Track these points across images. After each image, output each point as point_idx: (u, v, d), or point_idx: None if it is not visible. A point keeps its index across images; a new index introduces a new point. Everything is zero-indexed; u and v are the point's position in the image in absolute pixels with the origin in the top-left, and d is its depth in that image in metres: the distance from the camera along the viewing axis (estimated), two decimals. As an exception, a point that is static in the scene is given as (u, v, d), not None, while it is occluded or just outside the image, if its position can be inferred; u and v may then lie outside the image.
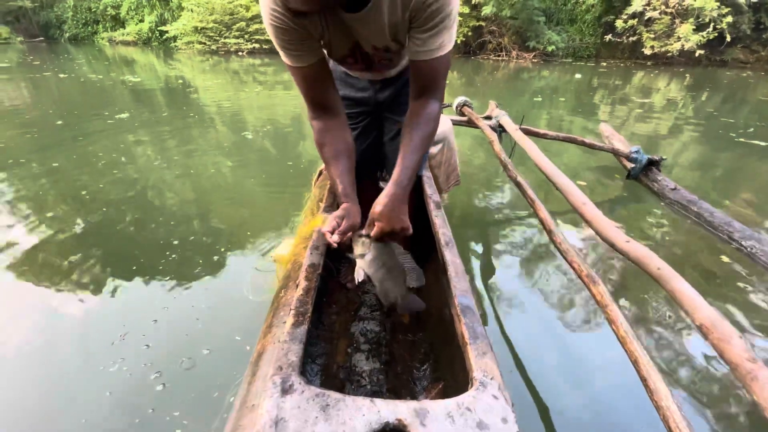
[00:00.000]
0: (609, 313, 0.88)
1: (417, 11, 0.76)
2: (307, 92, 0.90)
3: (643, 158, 2.65)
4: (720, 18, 11.20)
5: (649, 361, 0.76)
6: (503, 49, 13.39)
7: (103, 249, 1.85)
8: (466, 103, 2.98)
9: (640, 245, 1.06)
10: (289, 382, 0.54)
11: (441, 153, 1.54)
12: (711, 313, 0.79)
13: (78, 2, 17.33)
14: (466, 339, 0.67)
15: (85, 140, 3.45)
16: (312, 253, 0.89)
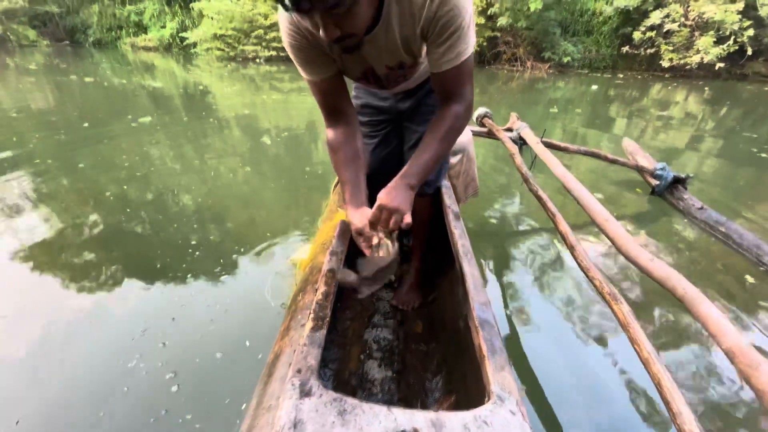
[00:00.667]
0: (631, 332, 0.86)
1: (428, 25, 0.77)
2: (322, 103, 0.95)
3: (669, 175, 2.56)
4: (741, 31, 11.01)
5: (673, 384, 0.74)
6: (518, 60, 13.37)
7: (125, 248, 1.91)
8: (487, 115, 2.97)
9: (664, 265, 1.03)
10: (308, 385, 0.55)
11: (460, 163, 1.54)
12: (738, 338, 0.77)
13: (103, 8, 17.94)
14: (484, 352, 0.67)
15: (110, 143, 3.55)
16: (331, 258, 0.90)
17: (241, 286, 1.64)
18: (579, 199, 1.58)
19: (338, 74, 0.92)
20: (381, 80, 0.98)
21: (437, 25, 0.76)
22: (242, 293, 1.60)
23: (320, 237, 1.10)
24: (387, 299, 1.30)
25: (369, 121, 1.22)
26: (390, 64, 0.90)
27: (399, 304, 1.29)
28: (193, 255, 1.83)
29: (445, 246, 1.13)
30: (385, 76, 0.96)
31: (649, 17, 12.06)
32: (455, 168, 1.54)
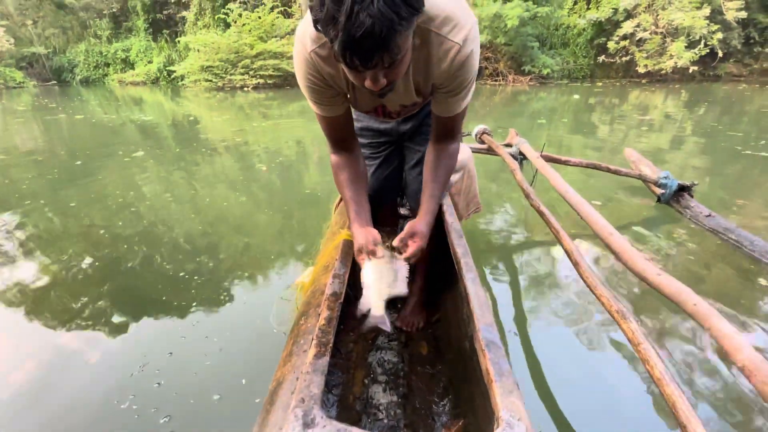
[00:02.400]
0: (642, 352, 0.84)
1: (443, 80, 0.83)
2: (330, 135, 1.01)
3: (674, 184, 2.53)
4: (710, 35, 11.48)
5: (689, 406, 0.71)
6: (500, 74, 13.73)
7: (122, 284, 1.88)
8: (486, 131, 3.02)
9: (673, 279, 1.00)
10: (311, 416, 0.53)
11: (461, 181, 1.55)
12: (753, 354, 0.74)
13: (90, 47, 18.20)
14: (491, 376, 0.65)
15: (102, 179, 3.53)
16: (333, 281, 0.89)
17: (240, 315, 1.61)
18: (581, 214, 1.57)
19: (348, 111, 0.98)
20: (391, 114, 1.05)
21: (452, 82, 0.83)
22: (241, 322, 1.57)
23: (322, 259, 1.09)
24: (391, 320, 1.29)
25: (370, 143, 1.25)
26: (405, 103, 0.97)
27: (403, 326, 1.27)
28: (191, 286, 1.80)
29: (448, 265, 1.12)
30: (397, 112, 1.04)
31: (621, 27, 12.55)
32: (456, 185, 1.55)
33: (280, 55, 12.79)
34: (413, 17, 0.61)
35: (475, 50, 0.80)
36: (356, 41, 0.57)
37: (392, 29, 0.57)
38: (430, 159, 1.02)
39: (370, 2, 0.54)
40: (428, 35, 0.76)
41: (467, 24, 0.76)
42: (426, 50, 0.78)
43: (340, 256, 0.99)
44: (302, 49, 0.81)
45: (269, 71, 12.75)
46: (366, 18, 0.55)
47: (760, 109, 7.26)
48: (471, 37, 0.77)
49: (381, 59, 0.62)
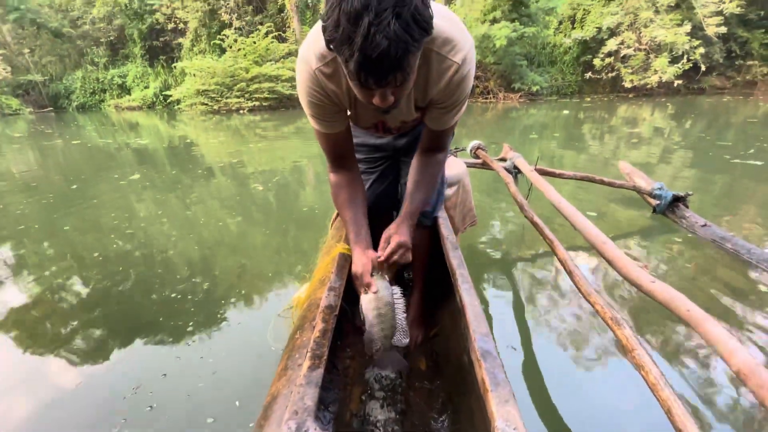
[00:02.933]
0: (636, 358, 0.84)
1: (441, 96, 0.86)
2: (330, 152, 1.02)
3: (668, 195, 2.56)
4: (692, 50, 11.86)
5: (684, 411, 0.71)
6: (490, 92, 14.03)
7: (119, 308, 1.85)
8: (480, 147, 3.07)
9: (666, 286, 1.01)
10: (304, 429, 0.52)
11: (456, 194, 1.57)
12: (748, 358, 0.74)
13: (87, 74, 18.45)
14: (486, 386, 0.64)
15: (98, 202, 3.52)
16: (328, 294, 0.89)
17: (235, 337, 1.59)
18: (575, 224, 1.58)
19: (348, 129, 0.99)
20: (390, 130, 1.07)
21: (449, 98, 0.86)
22: (236, 344, 1.54)
23: (318, 273, 1.08)
24: None
25: (366, 158, 1.27)
26: (406, 119, 0.99)
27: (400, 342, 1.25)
28: (185, 308, 1.77)
29: (445, 279, 1.12)
30: (397, 128, 1.06)
31: (605, 45, 12.94)
32: (452, 199, 1.56)
33: (275, 78, 13.02)
34: (424, 39, 0.63)
35: (472, 70, 0.84)
36: (372, 62, 0.59)
37: (407, 51, 0.60)
38: (416, 165, 1.03)
39: (386, 24, 0.56)
40: (429, 54, 0.79)
41: (466, 45, 0.80)
42: (426, 68, 0.81)
43: (335, 270, 0.98)
44: (306, 66, 0.83)
45: (265, 94, 12.95)
46: (382, 40, 0.57)
47: (745, 120, 7.44)
48: (469, 58, 0.81)
49: (394, 78, 0.64)
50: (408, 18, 0.58)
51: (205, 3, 15.15)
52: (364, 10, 0.56)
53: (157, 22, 16.96)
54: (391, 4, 0.56)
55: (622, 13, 12.62)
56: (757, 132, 6.04)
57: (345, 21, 0.58)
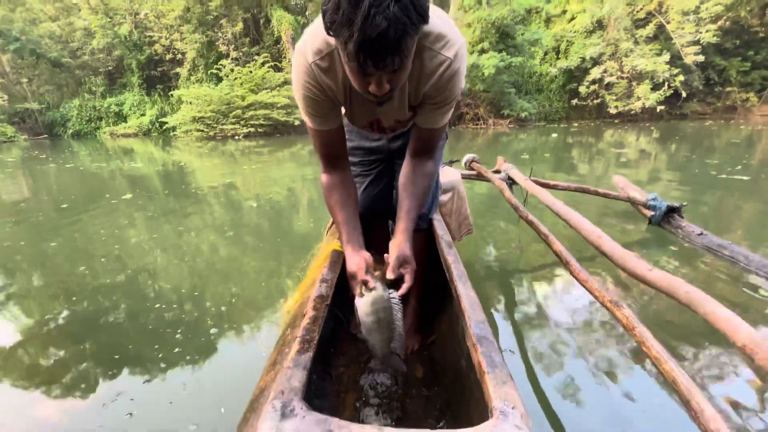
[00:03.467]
0: (637, 335, 0.84)
1: (433, 92, 0.87)
2: (323, 151, 1.01)
3: (662, 205, 2.58)
4: (672, 77, 12.40)
5: (690, 381, 0.69)
6: (480, 118, 14.43)
7: (104, 335, 1.76)
8: (475, 159, 3.14)
9: (664, 272, 1.03)
10: (290, 407, 0.49)
11: (452, 201, 1.57)
12: (751, 332, 0.75)
13: (83, 102, 18.68)
14: (483, 368, 0.62)
15: (87, 225, 3.47)
16: (320, 285, 0.87)
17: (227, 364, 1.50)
18: (571, 222, 1.61)
19: (341, 127, 0.99)
20: (384, 129, 1.08)
21: (440, 93, 0.88)
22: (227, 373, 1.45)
23: (311, 273, 1.06)
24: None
25: (361, 161, 1.27)
26: (399, 118, 1.00)
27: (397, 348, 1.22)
28: (174, 337, 1.67)
29: (442, 286, 1.10)
30: (391, 128, 1.07)
31: (589, 73, 13.50)
32: (447, 206, 1.57)
33: (271, 106, 13.29)
34: (420, 24, 0.66)
35: (462, 67, 0.85)
36: (372, 41, 0.61)
37: (405, 32, 0.62)
38: (406, 173, 1.03)
39: (386, 6, 0.59)
40: (422, 50, 0.81)
41: (457, 42, 0.82)
42: (419, 63, 0.83)
43: (328, 264, 0.97)
44: (303, 60, 0.84)
45: (260, 120, 13.18)
46: (382, 21, 0.59)
47: (728, 142, 7.69)
48: (460, 54, 0.83)
49: (392, 61, 0.66)
50: (407, 2, 0.61)
51: (203, 35, 15.63)
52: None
53: (155, 53, 17.40)
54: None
55: (603, 44, 13.25)
56: (741, 152, 6.25)
57: (346, 3, 0.60)
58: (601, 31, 13.61)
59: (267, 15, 15.49)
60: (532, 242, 2.54)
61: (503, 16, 12.52)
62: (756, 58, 13.92)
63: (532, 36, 13.46)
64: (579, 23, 13.99)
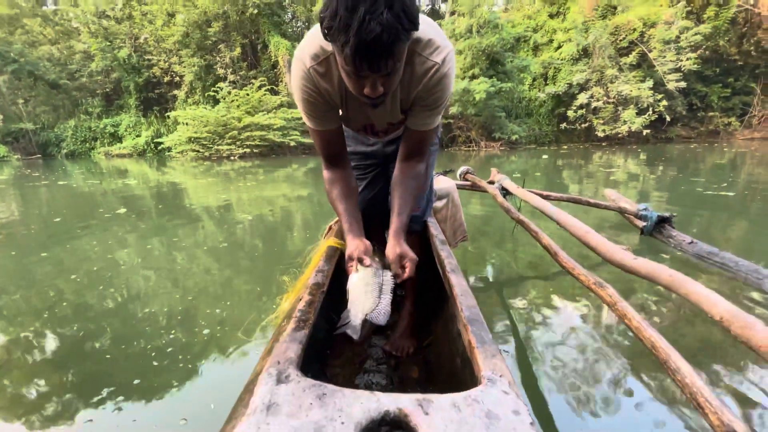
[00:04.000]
0: (619, 309, 0.88)
1: (423, 94, 0.92)
2: (323, 150, 1.06)
3: (653, 215, 2.65)
4: (656, 102, 12.87)
5: (667, 344, 0.74)
6: (472, 141, 14.74)
7: (90, 363, 1.71)
8: (469, 171, 3.22)
9: (647, 260, 1.10)
10: (286, 374, 0.51)
11: (446, 208, 1.61)
12: (728, 306, 0.80)
13: (79, 123, 18.77)
14: (473, 345, 0.64)
15: (76, 246, 3.43)
16: (316, 275, 0.88)
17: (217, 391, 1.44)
18: (560, 221, 1.66)
19: (340, 127, 1.04)
20: (378, 132, 1.13)
21: (430, 96, 0.93)
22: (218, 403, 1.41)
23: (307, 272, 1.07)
24: (380, 345, 1.23)
25: (357, 165, 1.32)
26: (392, 121, 1.05)
27: (393, 350, 1.22)
28: (163, 364, 1.61)
29: (438, 289, 1.12)
30: (384, 130, 1.11)
31: (577, 99, 13.97)
32: (442, 212, 1.60)
33: (267, 127, 13.48)
34: (411, 30, 0.71)
35: (451, 71, 0.91)
36: (367, 45, 0.66)
37: (397, 38, 0.68)
38: (397, 176, 1.07)
39: (380, 13, 0.64)
40: (413, 55, 0.87)
41: (446, 49, 0.88)
42: (410, 67, 0.88)
43: (324, 257, 0.98)
44: (301, 65, 0.90)
45: (256, 141, 13.32)
46: (376, 26, 0.65)
47: (714, 163, 7.93)
48: (448, 59, 0.89)
49: (386, 64, 0.71)
50: (398, 10, 0.66)
51: (201, 59, 15.99)
52: (360, 1, 0.64)
53: (153, 76, 17.71)
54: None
55: (589, 71, 13.78)
56: (726, 172, 6.44)
57: (343, 10, 0.65)
58: (586, 58, 14.20)
59: (264, 41, 15.96)
60: (524, 250, 2.59)
61: (493, 43, 13.03)
62: (736, 84, 14.59)
63: (521, 63, 13.99)
64: (565, 51, 14.60)
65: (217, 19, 15.23)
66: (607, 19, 14.35)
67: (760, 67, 14.61)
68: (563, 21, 15.91)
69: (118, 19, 17.74)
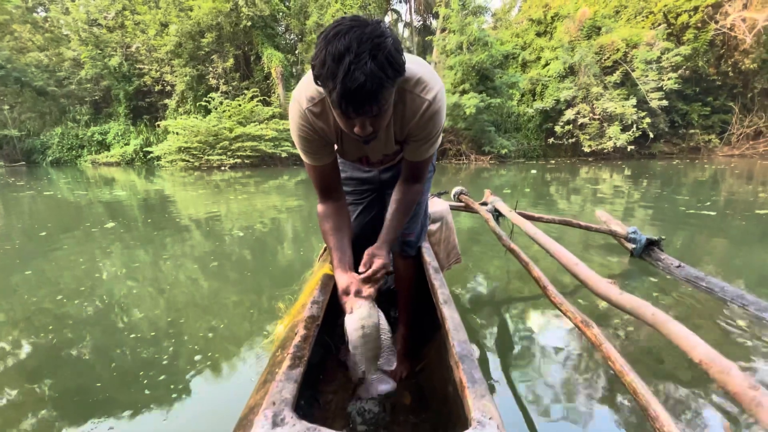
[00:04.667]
0: (604, 351, 0.90)
1: (415, 130, 0.98)
2: (319, 183, 1.10)
3: (642, 238, 2.71)
4: (640, 120, 13.27)
5: (647, 391, 0.76)
6: (462, 154, 14.95)
7: (69, 378, 1.68)
8: (463, 192, 3.27)
9: (632, 296, 1.13)
10: (281, 416, 0.52)
11: (440, 231, 1.63)
12: (707, 349, 0.82)
13: (66, 130, 18.49)
14: (464, 384, 0.66)
15: (61, 256, 3.37)
16: (311, 306, 0.89)
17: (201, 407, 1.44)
18: (550, 251, 1.70)
19: (335, 161, 1.09)
20: (374, 164, 1.18)
21: (422, 132, 0.98)
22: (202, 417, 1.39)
23: (302, 297, 1.08)
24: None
25: (353, 190, 1.36)
26: (386, 153, 1.10)
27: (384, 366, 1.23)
28: (148, 379, 1.60)
29: (431, 314, 1.14)
30: (380, 161, 1.16)
31: (564, 114, 14.32)
32: (436, 235, 1.62)
33: (259, 138, 13.46)
34: (397, 77, 0.77)
35: (442, 107, 0.96)
36: (351, 93, 0.71)
37: (380, 85, 0.73)
38: (396, 195, 1.13)
39: (364, 63, 0.69)
40: (404, 94, 0.92)
41: (436, 86, 0.93)
42: (402, 105, 0.93)
43: (319, 287, 1.00)
44: (297, 106, 0.96)
45: (247, 152, 13.28)
46: (360, 75, 0.70)
47: (695, 180, 8.17)
48: (438, 97, 0.94)
49: (370, 108, 0.76)
50: (382, 60, 0.72)
51: (194, 69, 15.98)
52: (346, 51, 0.69)
53: (144, 85, 17.61)
54: (368, 48, 0.70)
55: (575, 88, 14.17)
56: (707, 189, 6.66)
57: (330, 60, 0.71)
58: (573, 76, 14.60)
59: (258, 52, 16.05)
60: (515, 272, 2.62)
61: (483, 60, 13.32)
62: (715, 103, 15.16)
63: (510, 79, 14.30)
64: (553, 69, 14.99)
65: (211, 30, 15.28)
66: (592, 39, 14.83)
67: (737, 87, 15.22)
68: (550, 39, 16.39)
69: (110, 27, 17.67)
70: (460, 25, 13.64)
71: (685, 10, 14.12)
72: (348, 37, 0.69)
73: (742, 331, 1.85)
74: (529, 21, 17.43)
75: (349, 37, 0.69)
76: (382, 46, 0.71)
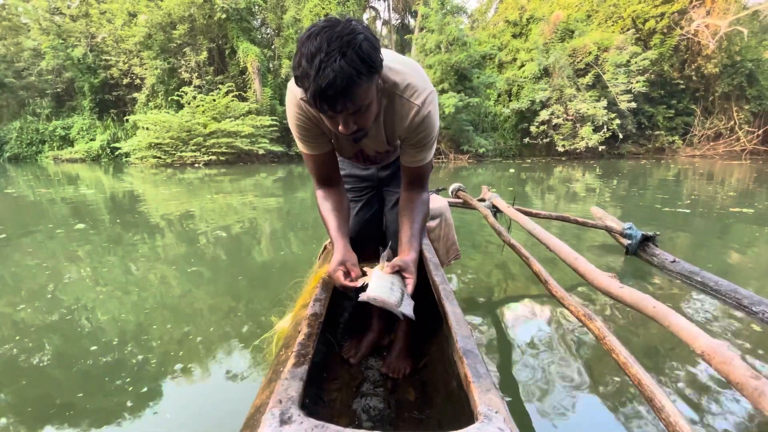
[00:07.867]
0: (607, 343, 0.92)
1: (407, 134, 0.98)
2: (315, 172, 1.10)
3: (638, 234, 2.74)
4: (610, 121, 13.81)
5: (653, 382, 0.78)
6: (442, 153, 15.10)
7: (30, 385, 1.57)
8: (461, 188, 3.30)
9: (633, 289, 1.14)
10: (288, 414, 0.52)
11: (439, 227, 1.62)
12: (709, 340, 0.84)
13: (25, 124, 17.38)
14: (469, 378, 0.66)
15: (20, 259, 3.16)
16: (314, 304, 0.87)
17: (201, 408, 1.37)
18: (550, 246, 1.72)
19: (332, 151, 1.09)
20: (369, 158, 1.18)
21: (415, 136, 0.99)
22: None
23: (302, 299, 1.05)
24: (376, 367, 1.22)
25: (352, 188, 1.35)
26: (379, 150, 1.11)
27: (389, 372, 1.21)
28: (115, 384, 1.50)
29: (433, 312, 1.13)
30: (374, 157, 1.16)
31: (539, 115, 14.72)
32: (435, 232, 1.62)
33: (234, 134, 13.10)
34: (372, 74, 0.77)
35: (433, 112, 0.97)
36: (322, 90, 0.73)
37: (351, 81, 0.73)
38: (404, 204, 1.12)
39: (333, 61, 0.71)
40: (394, 98, 0.93)
41: (426, 91, 0.95)
42: (392, 109, 0.95)
43: (320, 285, 0.98)
44: (293, 95, 0.95)
45: (222, 148, 12.91)
46: (330, 72, 0.71)
47: (661, 179, 8.59)
48: (428, 101, 0.95)
49: (345, 105, 0.76)
50: (353, 56, 0.72)
51: (165, 62, 15.36)
52: (318, 51, 0.71)
53: (111, 77, 16.79)
54: (338, 46, 0.71)
55: (549, 89, 14.59)
56: (670, 187, 7.00)
57: (304, 61, 0.73)
58: (547, 77, 15.02)
59: (233, 46, 15.61)
60: (514, 268, 2.65)
61: (461, 60, 13.49)
62: (678, 106, 16.00)
63: (487, 79, 14.56)
64: (528, 70, 15.38)
65: (183, 22, 14.73)
66: (566, 41, 15.30)
67: (699, 91, 16.12)
68: (526, 41, 16.79)
69: (74, 16, 16.73)
70: (440, 25, 13.75)
71: (652, 16, 14.81)
72: (319, 38, 0.72)
73: (737, 325, 1.88)
74: (505, 22, 17.79)
75: (320, 38, 0.72)
76: (352, 43, 0.72)
